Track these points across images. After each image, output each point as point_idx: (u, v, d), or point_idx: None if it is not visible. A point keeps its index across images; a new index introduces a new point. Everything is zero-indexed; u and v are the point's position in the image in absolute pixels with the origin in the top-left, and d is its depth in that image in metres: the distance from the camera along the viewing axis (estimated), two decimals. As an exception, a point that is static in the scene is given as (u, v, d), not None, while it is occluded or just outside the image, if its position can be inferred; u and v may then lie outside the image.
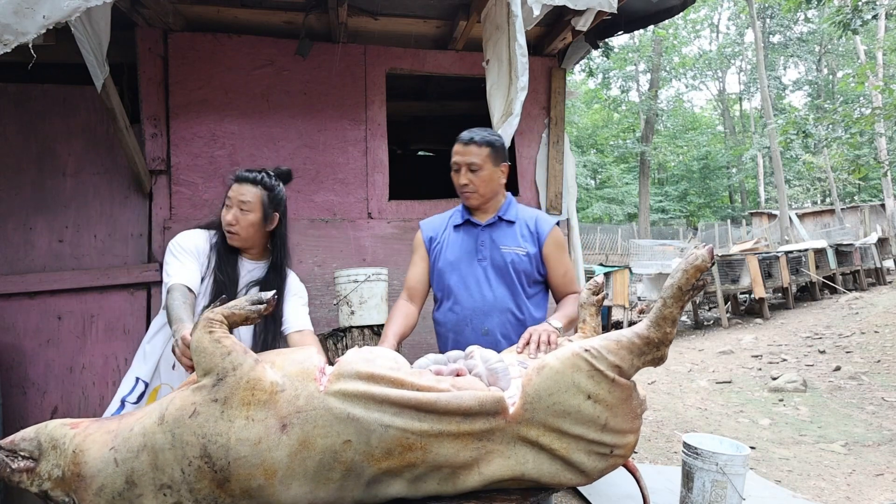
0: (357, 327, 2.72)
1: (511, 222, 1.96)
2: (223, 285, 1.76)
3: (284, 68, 3.14)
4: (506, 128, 2.38)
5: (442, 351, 1.90)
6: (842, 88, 21.26)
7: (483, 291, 1.89)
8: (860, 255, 11.77)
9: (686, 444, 2.56)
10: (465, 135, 1.89)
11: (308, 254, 3.12)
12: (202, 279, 1.76)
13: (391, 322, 1.88)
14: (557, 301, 1.99)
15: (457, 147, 1.90)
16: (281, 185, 1.88)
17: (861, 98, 17.97)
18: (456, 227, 1.98)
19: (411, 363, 1.37)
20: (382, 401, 1.14)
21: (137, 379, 1.76)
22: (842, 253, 11.60)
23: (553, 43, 3.33)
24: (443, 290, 1.95)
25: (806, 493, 3.35)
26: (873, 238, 13.09)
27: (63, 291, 2.82)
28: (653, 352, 1.25)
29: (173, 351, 1.38)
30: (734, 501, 2.42)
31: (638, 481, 1.46)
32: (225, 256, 1.81)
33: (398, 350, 1.78)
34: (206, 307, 1.72)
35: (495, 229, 1.95)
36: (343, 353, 1.83)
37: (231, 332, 1.25)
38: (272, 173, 1.87)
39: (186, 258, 1.74)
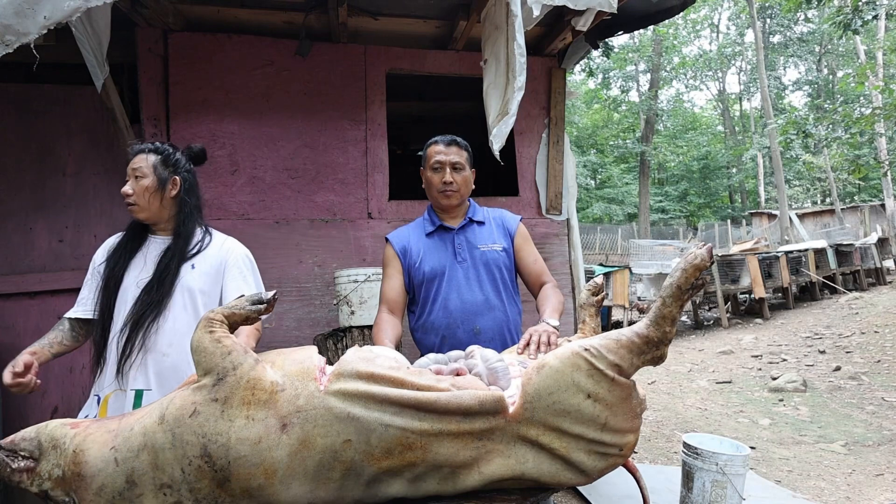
0: (357, 327, 2.73)
1: (481, 222, 2.01)
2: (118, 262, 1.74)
3: (284, 68, 3.14)
4: (501, 127, 2.37)
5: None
6: (842, 88, 21.26)
7: (470, 292, 1.90)
8: (860, 255, 11.78)
9: (686, 444, 2.56)
10: (445, 137, 1.95)
11: (308, 254, 3.12)
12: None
13: (382, 330, 1.83)
14: (532, 291, 1.98)
15: (437, 147, 1.93)
16: (178, 152, 1.83)
17: (861, 98, 18.00)
18: (428, 234, 1.99)
19: (411, 363, 1.37)
20: (382, 400, 1.15)
21: (94, 395, 1.72)
22: (842, 253, 11.61)
23: (553, 43, 3.33)
24: (429, 295, 1.93)
25: (806, 493, 3.35)
26: (873, 238, 13.10)
27: (63, 291, 2.82)
28: (652, 351, 1.25)
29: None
30: (734, 501, 2.42)
31: (638, 481, 1.46)
32: (134, 238, 1.78)
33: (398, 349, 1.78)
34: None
35: (468, 231, 1.98)
36: (343, 353, 1.82)
37: (231, 333, 1.25)
38: (174, 145, 1.85)
39: (86, 284, 1.80)
